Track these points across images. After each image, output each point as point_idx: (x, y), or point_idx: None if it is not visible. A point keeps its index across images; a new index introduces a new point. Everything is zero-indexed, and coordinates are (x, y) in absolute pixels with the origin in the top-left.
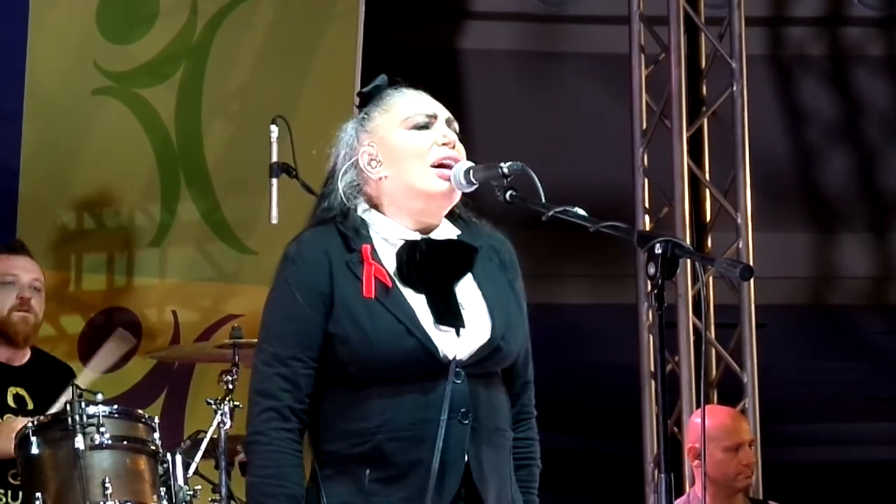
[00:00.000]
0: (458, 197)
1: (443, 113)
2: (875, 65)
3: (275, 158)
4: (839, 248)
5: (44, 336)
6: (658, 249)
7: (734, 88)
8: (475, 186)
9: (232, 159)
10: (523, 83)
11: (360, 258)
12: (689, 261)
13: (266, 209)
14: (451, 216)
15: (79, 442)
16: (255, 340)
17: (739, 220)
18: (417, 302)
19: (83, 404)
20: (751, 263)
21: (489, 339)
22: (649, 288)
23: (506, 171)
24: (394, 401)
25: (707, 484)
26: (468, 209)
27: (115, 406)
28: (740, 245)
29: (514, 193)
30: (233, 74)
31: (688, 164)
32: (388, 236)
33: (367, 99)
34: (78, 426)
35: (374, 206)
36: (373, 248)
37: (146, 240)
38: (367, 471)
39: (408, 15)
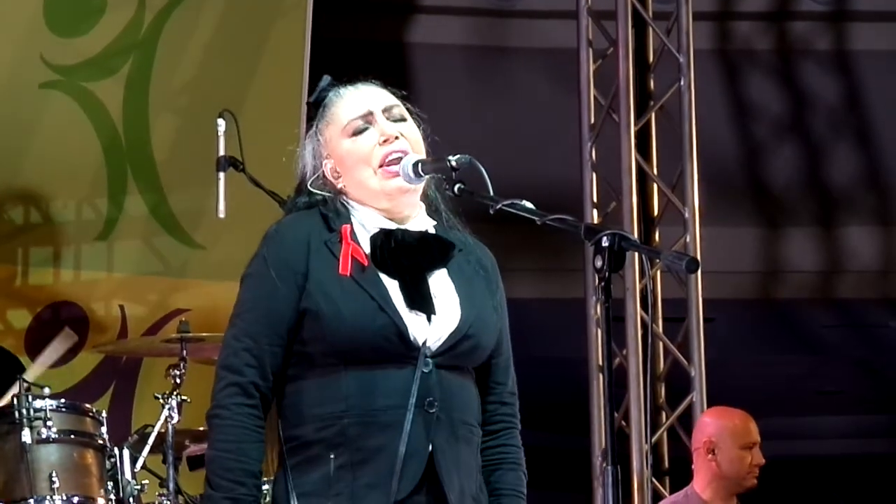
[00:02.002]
0: (421, 185)
1: (378, 104)
2: (822, 59)
3: (222, 152)
4: (786, 242)
5: None
6: (605, 242)
7: (682, 83)
8: (423, 179)
9: (179, 153)
10: (472, 77)
11: (340, 238)
12: (636, 254)
13: (213, 203)
14: (435, 213)
15: (26, 436)
16: (203, 335)
17: (687, 215)
18: (391, 285)
19: (30, 398)
20: (698, 257)
21: (457, 327)
22: (597, 281)
23: (454, 164)
24: (360, 386)
25: (714, 480)
26: (456, 216)
27: (63, 400)
28: (688, 239)
29: (462, 187)
30: (180, 68)
31: (635, 159)
32: (365, 223)
33: (317, 106)
34: (25, 420)
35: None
36: (352, 230)
37: (93, 234)
38: (332, 456)
39: (357, 9)
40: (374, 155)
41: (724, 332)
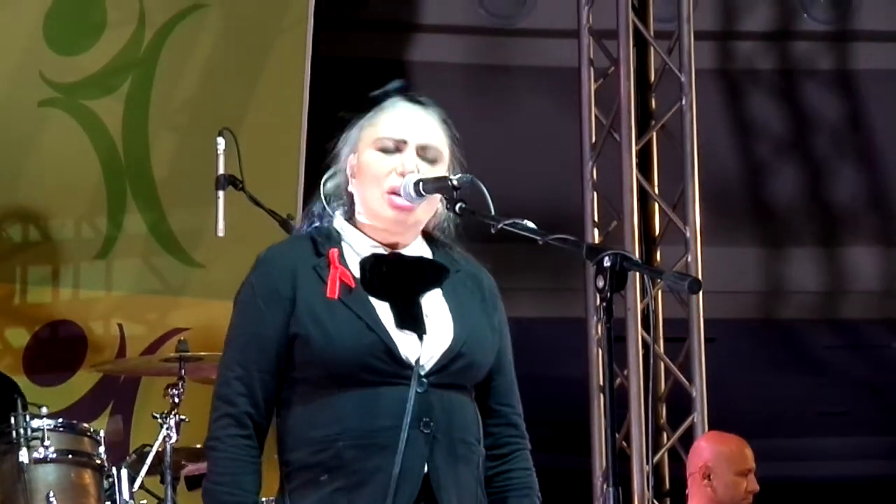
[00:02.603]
0: (415, 221)
1: (416, 138)
2: (824, 79)
3: (221, 171)
4: (788, 262)
5: None
6: (607, 262)
7: (683, 102)
8: (424, 199)
9: (179, 171)
10: (472, 96)
11: (328, 262)
12: (637, 274)
13: (213, 222)
14: (431, 241)
15: (23, 455)
16: (202, 354)
17: (688, 234)
18: (380, 306)
19: (27, 418)
20: (700, 277)
21: (450, 346)
22: (598, 301)
23: (455, 183)
24: (355, 408)
25: None
26: (455, 241)
27: (60, 419)
28: (689, 259)
29: (464, 206)
30: (180, 86)
31: (637, 178)
32: (355, 246)
33: (374, 103)
34: (22, 439)
35: (352, 213)
36: (340, 253)
37: (92, 252)
38: (328, 478)
39: (357, 27)
40: (388, 179)
41: (726, 352)
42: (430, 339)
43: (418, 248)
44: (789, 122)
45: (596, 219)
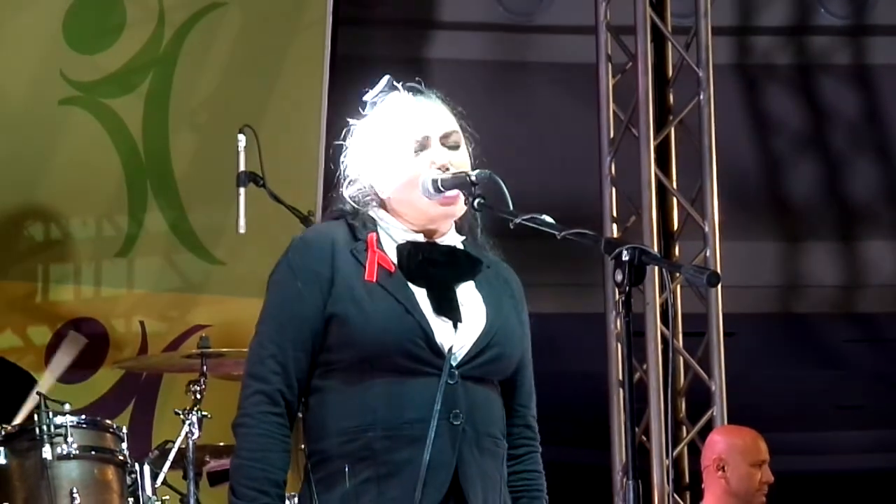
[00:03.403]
0: (461, 209)
1: (437, 130)
2: (841, 73)
3: (242, 168)
4: (806, 256)
5: (10, 347)
6: (625, 256)
7: (701, 97)
8: (443, 194)
9: (199, 169)
10: (491, 93)
11: (366, 246)
12: (656, 269)
13: (234, 219)
14: (462, 232)
15: (46, 452)
16: (223, 350)
17: (707, 229)
18: (418, 292)
19: (50, 414)
20: (718, 271)
21: (482, 335)
22: (617, 295)
23: (473, 178)
24: (385, 399)
25: (724, 497)
26: (485, 236)
27: (83, 416)
28: (708, 254)
29: (482, 201)
30: (200, 84)
31: (655, 173)
32: (392, 234)
33: (374, 105)
34: (45, 436)
35: (384, 206)
36: (378, 238)
37: (113, 250)
38: (357, 469)
39: (376, 25)
40: (424, 179)
41: (745, 346)
42: (463, 328)
43: (452, 239)
44: (807, 117)
45: (614, 214)
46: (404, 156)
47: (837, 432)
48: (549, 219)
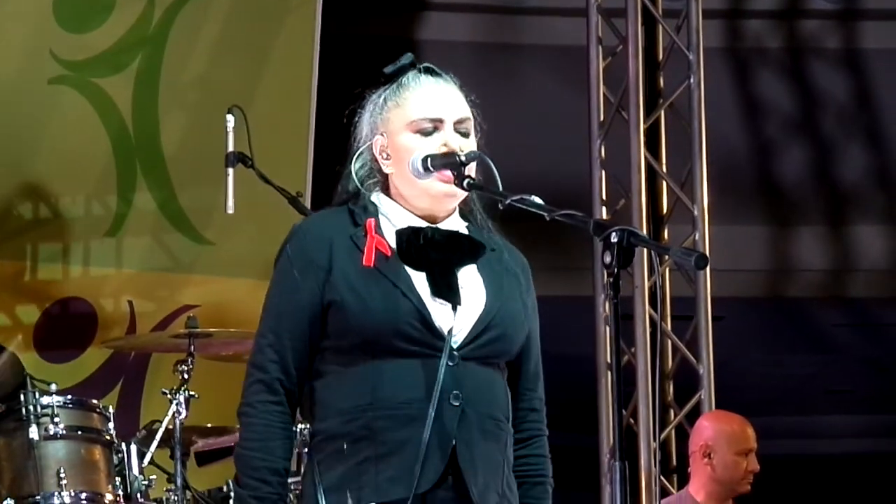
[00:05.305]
0: (462, 193)
1: (452, 114)
2: (832, 58)
3: (231, 148)
4: (796, 240)
5: None
6: (614, 238)
7: (691, 81)
8: (433, 174)
9: (189, 149)
10: (481, 75)
11: (365, 231)
12: (645, 252)
13: (222, 199)
14: (467, 218)
15: (33, 432)
16: (211, 330)
17: (696, 213)
18: (416, 275)
19: (37, 394)
20: (706, 254)
21: (481, 317)
22: (605, 278)
23: (463, 159)
24: (385, 379)
25: (709, 484)
26: (490, 220)
27: (70, 396)
28: (697, 237)
29: (472, 181)
30: (190, 64)
31: (645, 157)
32: (392, 218)
33: (390, 79)
34: (32, 416)
35: (386, 189)
36: (377, 223)
37: (102, 230)
38: (357, 448)
39: (366, 5)
40: (414, 158)
41: (733, 330)
42: (463, 311)
43: (455, 223)
44: (797, 101)
45: (604, 197)
46: (416, 134)
47: (826, 416)
48: (538, 200)
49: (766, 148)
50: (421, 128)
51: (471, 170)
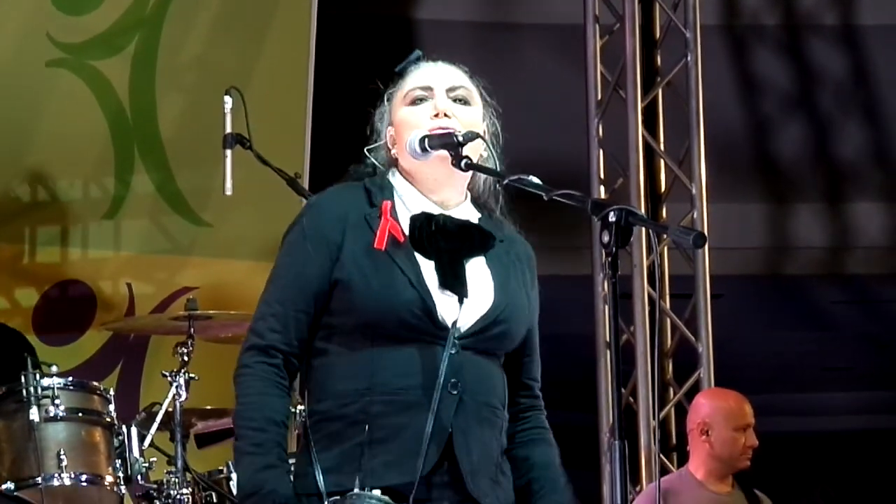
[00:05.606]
0: (461, 174)
1: (443, 82)
2: (829, 34)
3: (228, 130)
4: (794, 218)
5: None
6: (612, 217)
7: (689, 59)
8: (431, 154)
9: (186, 131)
10: (478, 54)
11: (380, 213)
12: (643, 230)
13: (220, 181)
14: (479, 208)
15: (33, 414)
16: (210, 312)
17: (694, 191)
18: (425, 264)
19: (38, 376)
20: (705, 233)
21: (488, 312)
22: (604, 257)
23: (460, 139)
24: (385, 364)
25: (708, 461)
26: (502, 210)
27: (70, 378)
28: (695, 215)
29: (469, 161)
30: (187, 46)
31: (642, 135)
32: (408, 202)
33: (399, 75)
34: (32, 398)
35: (401, 172)
36: (393, 206)
37: (100, 212)
38: (354, 431)
39: None
40: (422, 125)
41: (732, 308)
42: (469, 304)
43: (467, 212)
44: (795, 78)
45: (602, 176)
46: (410, 106)
47: (824, 393)
48: (536, 180)
49: (763, 125)
50: (413, 97)
51: (476, 150)
